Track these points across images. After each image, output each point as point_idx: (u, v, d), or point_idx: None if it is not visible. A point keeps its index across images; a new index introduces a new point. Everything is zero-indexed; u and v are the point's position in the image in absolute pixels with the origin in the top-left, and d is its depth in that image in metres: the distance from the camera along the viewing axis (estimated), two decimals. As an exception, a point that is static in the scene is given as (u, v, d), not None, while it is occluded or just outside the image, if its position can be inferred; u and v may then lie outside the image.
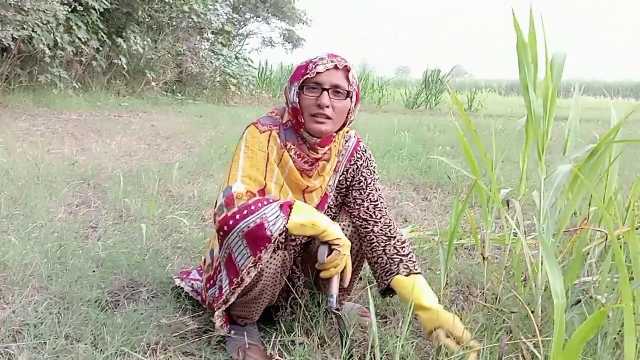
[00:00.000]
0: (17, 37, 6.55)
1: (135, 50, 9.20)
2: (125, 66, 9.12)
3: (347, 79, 1.45)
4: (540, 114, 1.59)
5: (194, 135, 5.72)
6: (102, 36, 8.64)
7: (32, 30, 6.75)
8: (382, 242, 1.54)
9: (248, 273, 1.33)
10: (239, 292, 1.38)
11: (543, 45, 1.56)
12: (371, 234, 1.56)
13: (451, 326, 1.39)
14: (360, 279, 2.06)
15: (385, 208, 1.60)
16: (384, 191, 3.52)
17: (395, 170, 4.16)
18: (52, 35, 7.25)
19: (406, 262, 1.52)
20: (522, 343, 1.34)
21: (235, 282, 1.35)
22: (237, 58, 12.51)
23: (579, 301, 1.58)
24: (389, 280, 1.52)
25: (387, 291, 1.57)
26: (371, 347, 1.39)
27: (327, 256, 1.37)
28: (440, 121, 8.77)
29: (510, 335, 1.52)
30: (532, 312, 1.52)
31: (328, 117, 1.43)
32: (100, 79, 9.18)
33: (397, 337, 1.40)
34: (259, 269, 1.35)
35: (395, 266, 1.51)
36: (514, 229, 1.76)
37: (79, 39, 7.93)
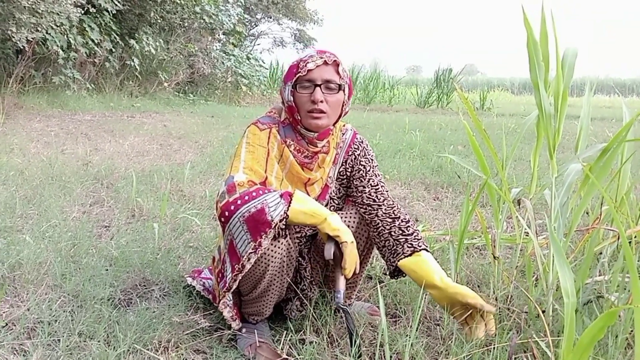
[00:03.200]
0: (32, 39, 6.63)
1: (147, 51, 9.29)
2: (137, 67, 9.21)
3: (338, 73, 1.50)
4: (551, 112, 1.58)
5: (206, 136, 5.76)
6: (115, 38, 8.73)
7: (46, 32, 6.83)
8: (387, 224, 1.56)
9: (249, 259, 1.35)
10: (240, 278, 1.39)
11: (554, 43, 1.55)
12: (376, 218, 1.58)
13: (461, 298, 1.41)
14: (370, 278, 2.07)
15: (387, 191, 1.63)
16: (394, 190, 3.54)
17: (406, 169, 4.15)
18: (65, 37, 7.34)
19: (411, 240, 1.54)
20: (533, 342, 1.34)
21: (237, 269, 1.37)
22: (248, 58, 12.58)
23: (591, 301, 1.57)
24: (395, 263, 1.54)
25: (396, 273, 1.58)
26: (381, 346, 1.40)
27: (334, 252, 1.38)
28: (452, 120, 8.73)
29: (521, 334, 1.51)
30: (543, 311, 1.52)
31: (323, 112, 1.48)
32: (113, 80, 9.26)
33: (407, 336, 1.41)
34: (259, 255, 1.37)
35: (400, 247, 1.53)
36: (525, 229, 1.75)
37: (92, 40, 8.03)
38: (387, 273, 1.62)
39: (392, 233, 1.55)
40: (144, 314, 1.62)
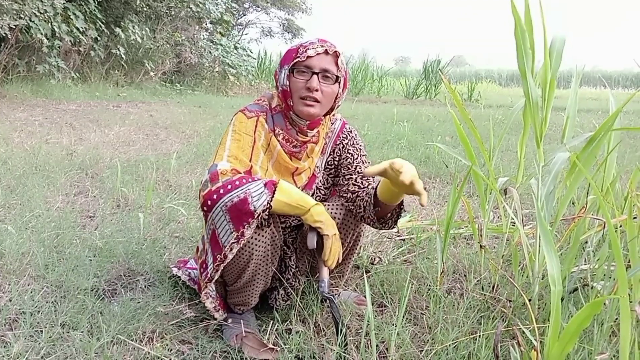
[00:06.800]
0: (15, 27, 6.50)
1: (133, 40, 9.16)
2: (123, 56, 9.08)
3: (337, 64, 1.47)
4: (538, 100, 1.57)
5: (193, 126, 5.71)
6: (100, 26, 8.59)
7: (30, 20, 6.71)
8: (365, 195, 1.50)
9: (231, 249, 1.34)
10: (223, 268, 1.38)
11: (542, 32, 1.54)
12: (357, 199, 1.52)
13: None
14: (357, 267, 2.06)
15: (374, 179, 1.57)
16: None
17: (394, 160, 4.14)
18: (49, 24, 7.20)
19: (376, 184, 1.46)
20: (519, 330, 1.34)
21: (219, 259, 1.36)
22: (236, 48, 12.47)
23: (576, 289, 1.58)
24: (376, 209, 1.45)
25: (385, 220, 1.49)
26: (367, 335, 1.39)
27: (316, 241, 1.38)
28: (440, 111, 8.74)
29: (507, 322, 1.52)
30: (529, 300, 1.52)
31: (317, 101, 1.45)
32: (99, 69, 9.14)
33: (394, 325, 1.40)
34: (242, 245, 1.36)
35: (372, 191, 1.46)
36: (512, 218, 1.75)
37: (77, 28, 7.88)
38: (378, 225, 1.50)
39: (368, 194, 1.49)
40: (128, 305, 1.60)
